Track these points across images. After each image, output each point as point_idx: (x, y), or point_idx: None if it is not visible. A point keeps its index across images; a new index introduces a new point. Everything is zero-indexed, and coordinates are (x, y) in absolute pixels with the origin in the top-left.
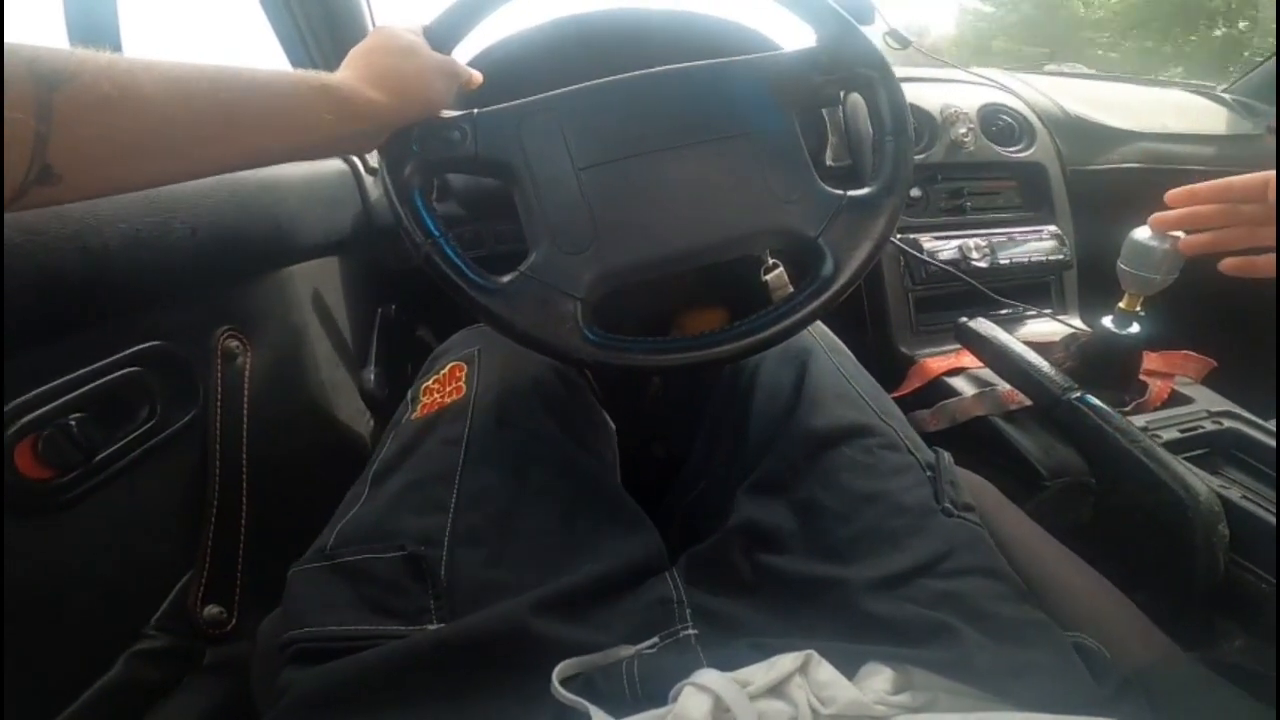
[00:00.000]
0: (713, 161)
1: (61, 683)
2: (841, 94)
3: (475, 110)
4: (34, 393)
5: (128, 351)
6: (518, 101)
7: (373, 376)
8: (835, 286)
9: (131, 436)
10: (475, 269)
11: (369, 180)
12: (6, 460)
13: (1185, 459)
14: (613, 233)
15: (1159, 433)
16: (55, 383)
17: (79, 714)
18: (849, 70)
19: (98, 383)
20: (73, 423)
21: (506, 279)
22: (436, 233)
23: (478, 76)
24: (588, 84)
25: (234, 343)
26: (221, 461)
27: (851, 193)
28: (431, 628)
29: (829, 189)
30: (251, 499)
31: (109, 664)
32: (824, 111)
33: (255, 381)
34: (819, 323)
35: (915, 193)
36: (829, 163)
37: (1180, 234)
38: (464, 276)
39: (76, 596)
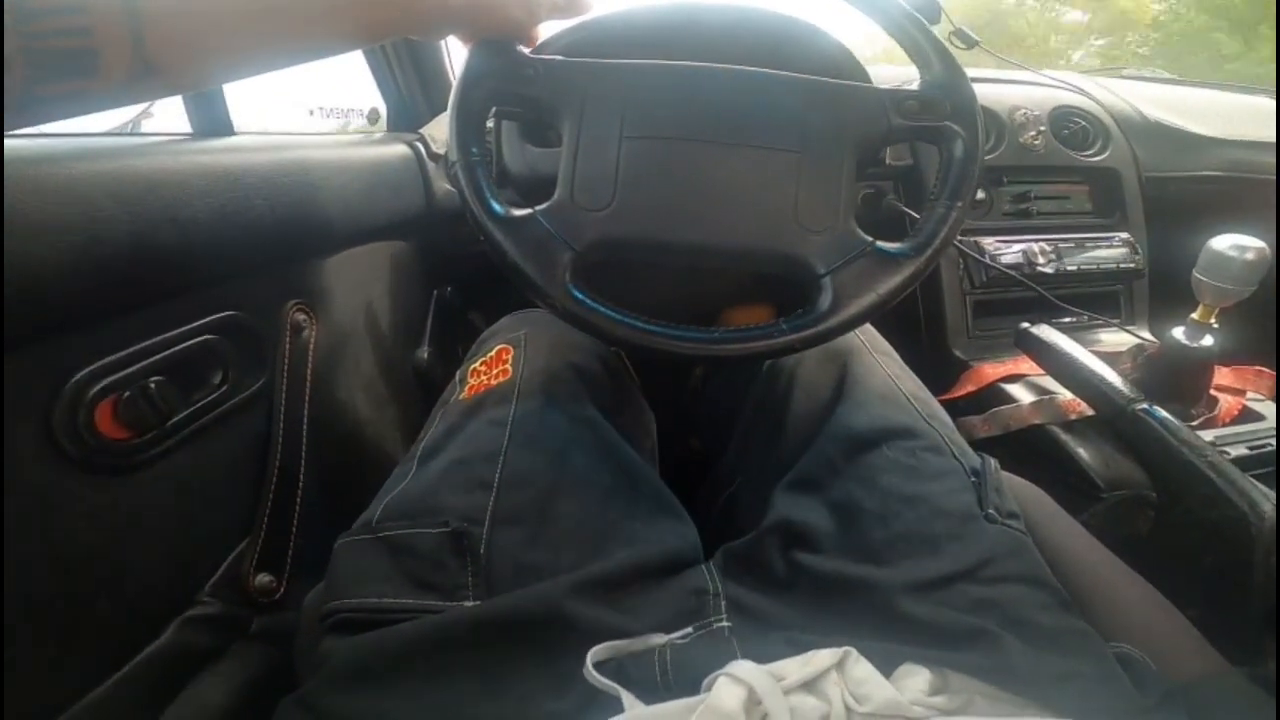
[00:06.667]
0: (753, 168)
1: (112, 648)
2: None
3: (558, 57)
4: (117, 355)
5: (206, 320)
6: (595, 60)
7: (426, 356)
8: (820, 327)
9: (204, 402)
10: (496, 196)
11: (431, 166)
12: (85, 419)
13: (1252, 476)
14: (631, 203)
15: (1226, 449)
16: (138, 346)
17: (126, 679)
18: (937, 121)
19: (177, 348)
20: (152, 385)
21: (519, 213)
22: (475, 153)
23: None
24: (665, 62)
25: (302, 316)
26: (285, 430)
27: (880, 243)
28: (469, 604)
29: (860, 233)
30: (309, 469)
31: (160, 629)
32: None
33: (319, 354)
34: (867, 324)
35: (979, 194)
36: (889, 160)
37: (1263, 244)
38: (480, 197)
39: (137, 561)
